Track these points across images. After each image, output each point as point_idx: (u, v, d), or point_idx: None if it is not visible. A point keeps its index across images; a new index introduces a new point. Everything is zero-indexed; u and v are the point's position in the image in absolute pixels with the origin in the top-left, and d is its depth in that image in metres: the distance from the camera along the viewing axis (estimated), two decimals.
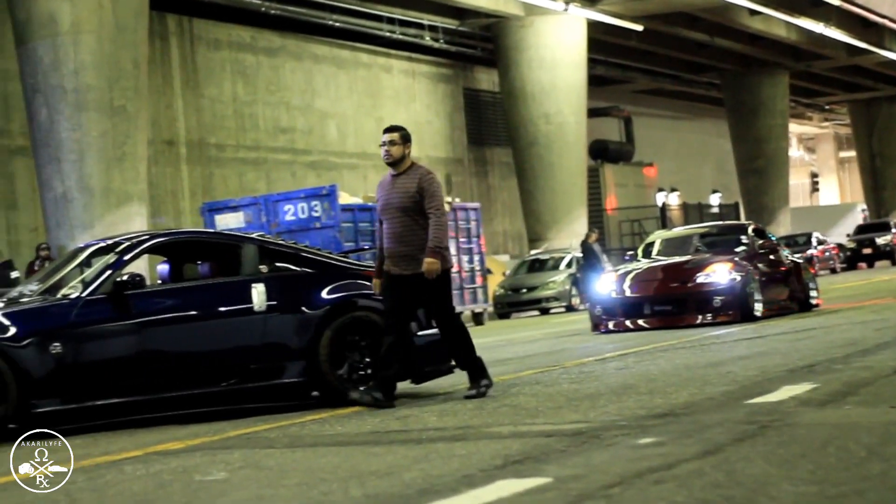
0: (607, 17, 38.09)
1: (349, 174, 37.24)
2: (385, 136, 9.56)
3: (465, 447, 6.67)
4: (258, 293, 9.73)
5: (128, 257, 9.79)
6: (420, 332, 9.85)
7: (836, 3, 43.30)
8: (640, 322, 17.16)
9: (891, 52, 51.61)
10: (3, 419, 8.85)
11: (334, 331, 9.69)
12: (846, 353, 10.60)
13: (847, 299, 21.36)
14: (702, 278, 17.17)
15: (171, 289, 9.92)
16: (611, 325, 17.32)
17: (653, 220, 46.55)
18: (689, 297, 17.12)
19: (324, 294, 9.85)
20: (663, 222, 45.71)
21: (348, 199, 24.73)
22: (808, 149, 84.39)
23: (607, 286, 17.69)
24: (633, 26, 39.54)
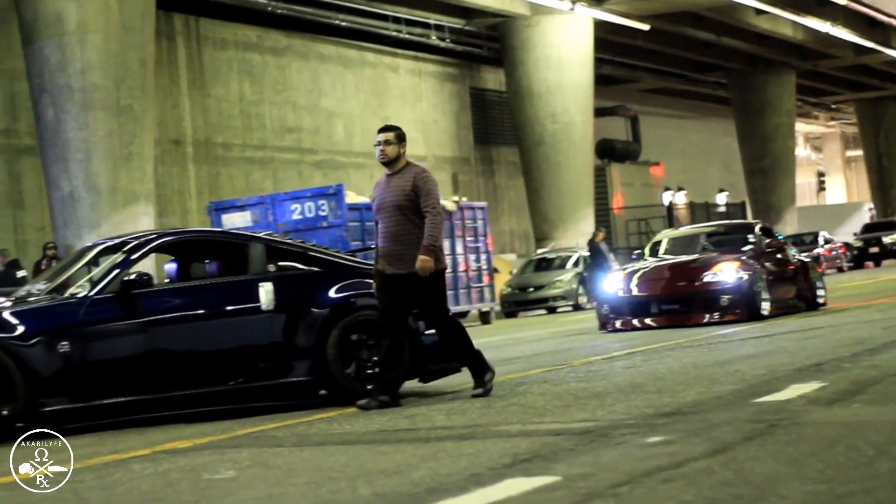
0: (614, 17, 38.06)
1: (356, 173, 37.22)
2: (380, 136, 9.54)
3: (474, 446, 6.67)
4: (265, 292, 9.72)
5: (135, 256, 9.80)
6: (427, 331, 9.83)
7: (842, 2, 43.22)
8: (648, 321, 17.15)
9: None
10: (12, 418, 8.86)
11: (342, 329, 9.69)
12: (854, 351, 10.59)
13: (854, 298, 21.34)
14: (709, 277, 17.15)
15: (179, 288, 9.92)
16: (618, 323, 17.31)
17: (659, 220, 46.56)
18: (696, 295, 17.10)
19: (331, 293, 9.85)
20: (670, 221, 45.72)
21: (355, 198, 24.73)
22: (814, 148, 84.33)
23: (614, 285, 17.67)
24: (640, 26, 39.51)
